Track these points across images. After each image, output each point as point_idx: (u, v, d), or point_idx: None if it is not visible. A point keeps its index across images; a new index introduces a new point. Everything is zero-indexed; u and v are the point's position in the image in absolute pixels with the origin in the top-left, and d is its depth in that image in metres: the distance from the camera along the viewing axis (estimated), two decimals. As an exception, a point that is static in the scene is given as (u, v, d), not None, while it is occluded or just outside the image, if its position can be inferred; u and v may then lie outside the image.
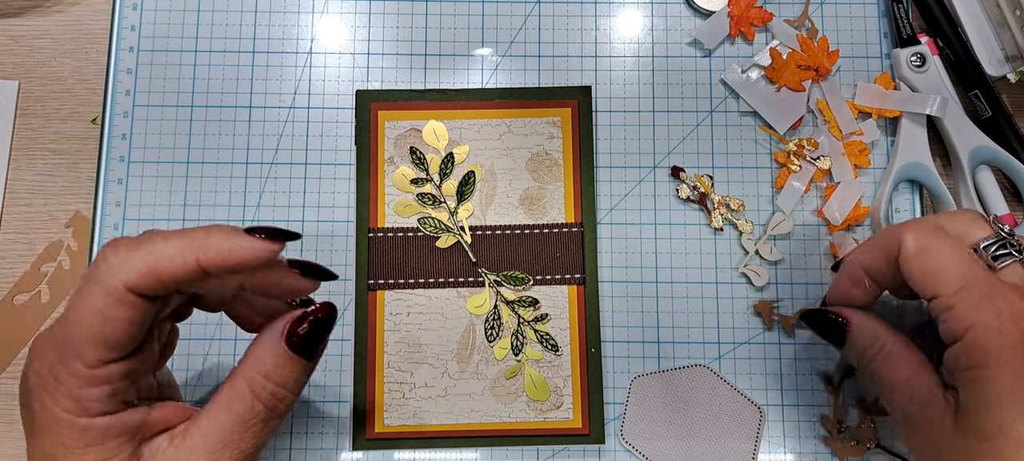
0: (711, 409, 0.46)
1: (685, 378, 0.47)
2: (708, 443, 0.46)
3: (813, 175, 0.48)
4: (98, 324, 0.27)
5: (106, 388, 0.28)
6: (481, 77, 0.50)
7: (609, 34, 0.51)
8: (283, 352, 0.30)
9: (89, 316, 0.27)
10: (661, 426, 0.46)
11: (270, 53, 0.50)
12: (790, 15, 0.51)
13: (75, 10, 0.52)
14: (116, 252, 0.27)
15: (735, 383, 0.47)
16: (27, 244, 0.49)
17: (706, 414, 0.46)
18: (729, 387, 0.46)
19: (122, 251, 0.27)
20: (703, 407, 0.46)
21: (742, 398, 0.46)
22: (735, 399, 0.46)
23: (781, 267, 0.48)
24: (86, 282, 0.27)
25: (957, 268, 0.30)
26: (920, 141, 0.48)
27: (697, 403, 0.46)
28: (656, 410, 0.46)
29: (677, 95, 0.50)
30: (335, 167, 0.49)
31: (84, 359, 0.27)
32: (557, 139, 0.49)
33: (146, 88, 0.50)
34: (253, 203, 0.49)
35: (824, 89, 0.49)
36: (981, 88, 0.49)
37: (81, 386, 0.27)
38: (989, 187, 0.49)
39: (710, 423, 0.46)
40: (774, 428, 0.46)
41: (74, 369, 0.27)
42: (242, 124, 0.49)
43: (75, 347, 0.27)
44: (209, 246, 0.27)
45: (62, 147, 0.50)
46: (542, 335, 0.47)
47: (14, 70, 0.51)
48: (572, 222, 0.48)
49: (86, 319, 0.27)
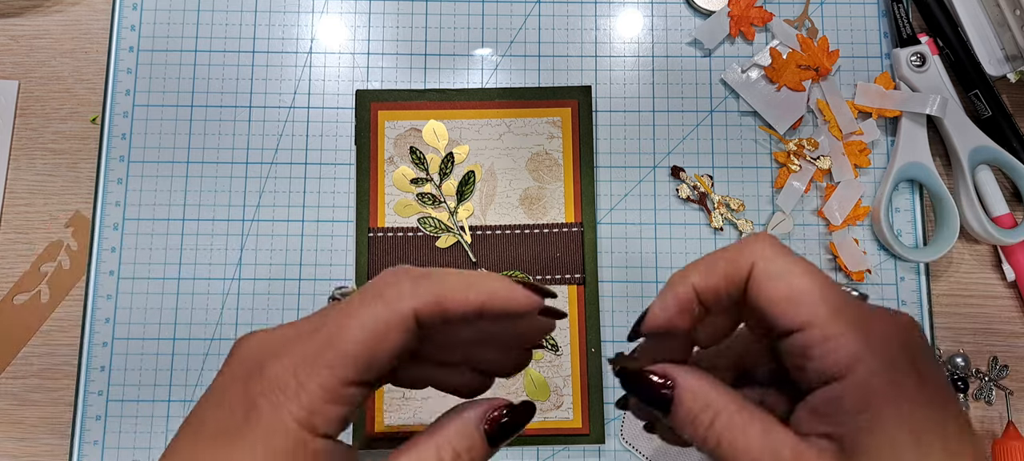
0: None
1: (685, 378, 0.46)
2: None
3: (813, 175, 0.48)
4: (372, 342, 0.26)
5: (343, 410, 0.26)
6: (481, 77, 0.50)
7: (609, 34, 0.51)
8: (477, 436, 0.29)
9: (365, 333, 0.26)
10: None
11: (270, 53, 0.50)
12: (790, 15, 0.51)
13: (75, 10, 0.52)
14: (408, 277, 0.27)
15: (735, 383, 0.47)
16: (27, 244, 0.49)
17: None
18: (729, 387, 0.46)
19: (413, 278, 0.27)
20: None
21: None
22: (735, 399, 0.46)
23: (781, 267, 0.48)
24: (370, 299, 0.26)
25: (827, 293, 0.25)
26: (920, 141, 0.48)
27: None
28: (656, 410, 0.46)
29: (677, 95, 0.50)
30: (335, 167, 0.49)
31: (339, 374, 0.26)
32: (557, 139, 0.49)
33: (146, 88, 0.50)
34: (253, 203, 0.49)
35: (824, 89, 0.49)
36: (981, 88, 0.49)
37: (325, 400, 0.26)
38: (989, 187, 0.49)
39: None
40: (774, 428, 0.46)
41: (324, 380, 0.26)
42: (242, 124, 0.49)
43: (335, 359, 0.26)
44: (492, 289, 0.27)
45: (62, 147, 0.50)
46: (542, 335, 0.47)
47: (14, 70, 0.51)
48: (572, 222, 0.48)
49: (361, 335, 0.26)
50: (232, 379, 0.27)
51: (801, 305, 0.25)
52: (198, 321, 0.47)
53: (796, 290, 0.26)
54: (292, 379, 0.26)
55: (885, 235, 0.47)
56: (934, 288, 0.49)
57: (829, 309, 0.25)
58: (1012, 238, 0.47)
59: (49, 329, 0.48)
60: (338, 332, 0.26)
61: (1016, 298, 0.49)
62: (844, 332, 0.25)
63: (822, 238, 0.48)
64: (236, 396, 0.26)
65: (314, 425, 0.26)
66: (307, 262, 0.48)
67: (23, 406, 0.47)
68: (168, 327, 0.47)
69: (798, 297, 0.25)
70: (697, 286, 0.28)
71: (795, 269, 0.26)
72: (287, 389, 0.26)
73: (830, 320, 0.25)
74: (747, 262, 0.27)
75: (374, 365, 0.26)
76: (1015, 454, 0.46)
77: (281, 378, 0.26)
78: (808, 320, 0.25)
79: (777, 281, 0.26)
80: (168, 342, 0.47)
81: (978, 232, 0.48)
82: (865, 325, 0.25)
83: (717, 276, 0.27)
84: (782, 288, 0.26)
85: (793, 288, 0.26)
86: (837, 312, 0.25)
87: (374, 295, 0.27)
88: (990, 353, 0.48)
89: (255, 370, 0.26)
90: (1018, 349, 0.49)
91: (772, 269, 0.26)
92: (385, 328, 0.26)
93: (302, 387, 0.26)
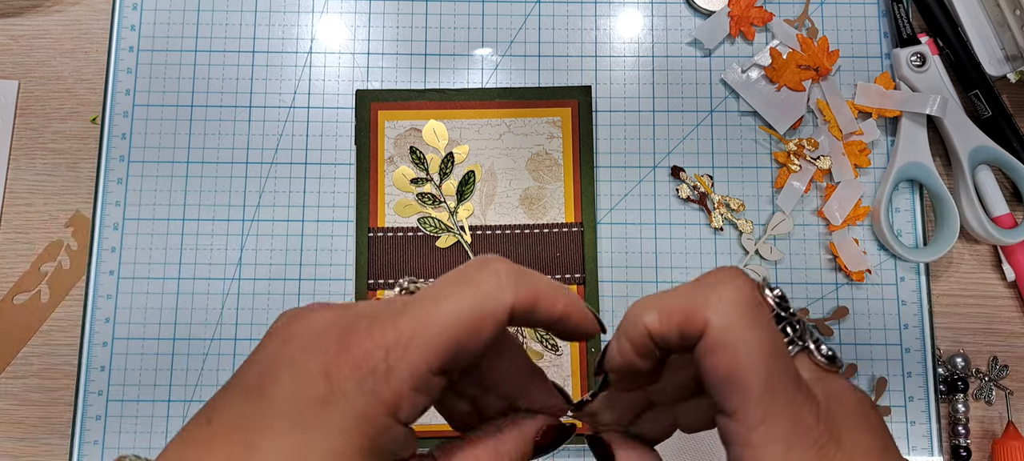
0: (711, 409, 0.46)
1: (685, 378, 0.47)
2: (708, 441, 0.45)
3: (813, 175, 0.48)
4: (465, 331, 0.24)
5: (426, 399, 0.25)
6: (481, 77, 0.50)
7: (609, 34, 0.51)
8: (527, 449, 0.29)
9: (460, 320, 0.24)
10: (661, 426, 0.46)
11: (270, 53, 0.50)
12: (790, 15, 0.51)
13: (75, 10, 0.52)
14: (507, 268, 0.26)
15: (735, 383, 0.47)
16: (27, 244, 0.49)
17: (706, 414, 0.46)
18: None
19: (512, 270, 0.26)
20: (703, 407, 0.46)
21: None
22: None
23: (781, 267, 0.48)
24: (464, 286, 0.25)
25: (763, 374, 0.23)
26: (920, 141, 0.48)
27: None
28: (656, 410, 0.46)
29: (677, 95, 0.50)
30: (335, 167, 0.49)
31: (430, 360, 0.24)
32: (557, 139, 0.49)
33: (146, 88, 0.50)
34: (253, 203, 0.49)
35: (824, 89, 0.49)
36: (981, 88, 0.49)
37: (412, 387, 0.24)
38: (989, 187, 0.49)
39: (710, 423, 0.46)
40: (774, 428, 0.46)
41: (414, 365, 0.24)
42: (242, 124, 0.49)
43: (425, 345, 0.24)
44: (575, 301, 0.27)
45: (62, 147, 0.50)
46: (542, 335, 0.47)
47: (14, 70, 0.51)
48: (572, 222, 0.48)
49: (455, 321, 0.24)
50: (302, 350, 0.25)
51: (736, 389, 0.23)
52: (198, 321, 0.47)
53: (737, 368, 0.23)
54: (382, 362, 0.24)
55: (885, 235, 0.47)
56: (934, 288, 0.49)
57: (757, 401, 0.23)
58: (1012, 238, 0.47)
59: (49, 329, 0.48)
60: (431, 317, 0.24)
61: (1016, 298, 0.49)
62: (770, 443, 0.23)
63: (822, 238, 0.48)
64: (315, 371, 0.24)
65: (399, 412, 0.24)
66: (307, 262, 0.48)
67: (23, 406, 0.47)
68: (168, 327, 0.47)
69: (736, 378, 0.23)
70: (652, 331, 0.25)
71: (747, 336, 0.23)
72: (376, 372, 0.24)
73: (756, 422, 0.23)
74: (701, 318, 0.24)
75: (462, 356, 0.25)
76: (1015, 454, 0.46)
77: (370, 359, 0.24)
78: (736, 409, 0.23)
79: (720, 354, 0.23)
80: (168, 342, 0.47)
81: (978, 232, 0.48)
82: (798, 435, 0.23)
83: (672, 326, 0.25)
84: (723, 364, 0.23)
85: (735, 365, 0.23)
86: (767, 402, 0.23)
87: (469, 282, 0.25)
88: (990, 353, 0.48)
89: (337, 346, 0.24)
90: (1018, 349, 0.49)
91: (720, 337, 0.23)
92: (480, 317, 0.25)
93: (392, 371, 0.24)
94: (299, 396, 0.24)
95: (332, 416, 0.24)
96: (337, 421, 0.24)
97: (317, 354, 0.24)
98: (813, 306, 0.48)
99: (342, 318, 0.25)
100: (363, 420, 0.24)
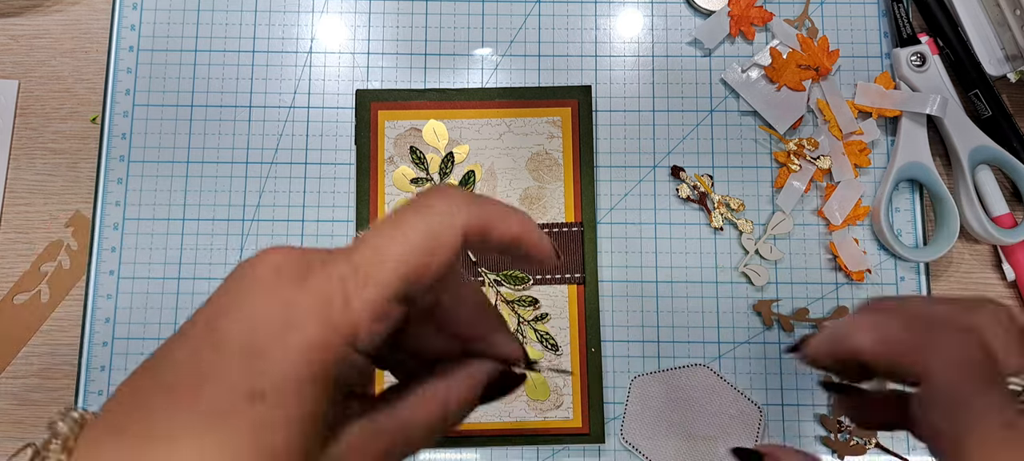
0: (711, 408, 0.46)
1: (685, 377, 0.47)
2: (708, 442, 0.46)
3: (813, 175, 0.48)
4: (418, 256, 0.24)
5: (384, 327, 0.25)
6: (481, 77, 0.50)
7: (609, 34, 0.51)
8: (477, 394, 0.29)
9: (418, 240, 0.24)
10: (661, 425, 0.46)
11: (270, 53, 0.50)
12: (790, 15, 0.51)
13: (75, 10, 0.52)
14: (458, 192, 0.26)
15: (735, 382, 0.47)
16: (27, 244, 0.49)
17: (706, 413, 0.46)
18: (729, 386, 0.46)
19: (462, 194, 0.26)
20: (703, 406, 0.46)
21: (742, 397, 0.46)
22: (735, 398, 0.46)
23: (781, 267, 0.48)
24: (417, 211, 0.25)
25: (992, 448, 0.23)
26: (920, 141, 0.48)
27: (697, 402, 0.46)
28: (656, 409, 0.46)
29: (677, 95, 0.50)
30: (335, 167, 0.49)
31: (386, 289, 0.24)
32: (557, 139, 0.49)
33: (146, 88, 0.50)
34: (253, 203, 0.49)
35: (824, 89, 0.49)
36: (981, 88, 0.49)
37: (371, 317, 0.24)
38: (989, 187, 0.49)
39: (710, 422, 0.46)
40: (774, 427, 0.46)
41: (371, 294, 0.24)
42: (242, 124, 0.49)
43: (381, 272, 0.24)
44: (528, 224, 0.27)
45: (62, 147, 0.50)
46: (542, 334, 0.47)
47: (14, 70, 0.51)
48: (572, 222, 0.48)
49: (410, 247, 0.24)
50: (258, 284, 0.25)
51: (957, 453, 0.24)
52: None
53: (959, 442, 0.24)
54: (339, 293, 0.24)
55: (885, 235, 0.47)
56: (934, 288, 0.49)
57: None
58: (1012, 238, 0.47)
59: (49, 329, 0.48)
60: (385, 244, 0.24)
61: (1016, 298, 0.49)
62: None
63: (822, 238, 0.48)
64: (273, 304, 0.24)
65: (357, 340, 0.24)
66: (307, 262, 0.48)
67: (23, 406, 0.47)
68: (168, 327, 0.47)
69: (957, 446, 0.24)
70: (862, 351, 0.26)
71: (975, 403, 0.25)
72: (333, 302, 0.24)
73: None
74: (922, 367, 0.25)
75: (420, 282, 0.25)
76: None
77: (326, 290, 0.24)
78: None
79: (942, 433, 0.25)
80: (168, 342, 0.47)
81: (978, 232, 0.48)
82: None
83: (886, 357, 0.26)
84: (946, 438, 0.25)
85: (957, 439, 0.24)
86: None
87: (421, 207, 0.25)
88: (990, 353, 0.48)
89: (295, 279, 0.24)
90: (1018, 349, 0.49)
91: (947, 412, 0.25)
92: (436, 240, 0.25)
93: (349, 300, 0.24)
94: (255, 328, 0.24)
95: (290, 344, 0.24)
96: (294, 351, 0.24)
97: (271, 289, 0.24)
98: (813, 306, 0.48)
99: (300, 257, 0.25)
100: (321, 348, 0.24)
